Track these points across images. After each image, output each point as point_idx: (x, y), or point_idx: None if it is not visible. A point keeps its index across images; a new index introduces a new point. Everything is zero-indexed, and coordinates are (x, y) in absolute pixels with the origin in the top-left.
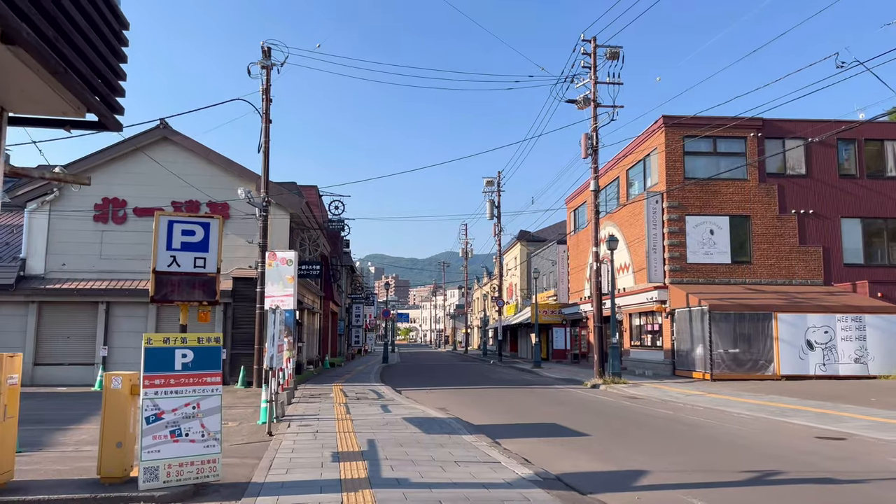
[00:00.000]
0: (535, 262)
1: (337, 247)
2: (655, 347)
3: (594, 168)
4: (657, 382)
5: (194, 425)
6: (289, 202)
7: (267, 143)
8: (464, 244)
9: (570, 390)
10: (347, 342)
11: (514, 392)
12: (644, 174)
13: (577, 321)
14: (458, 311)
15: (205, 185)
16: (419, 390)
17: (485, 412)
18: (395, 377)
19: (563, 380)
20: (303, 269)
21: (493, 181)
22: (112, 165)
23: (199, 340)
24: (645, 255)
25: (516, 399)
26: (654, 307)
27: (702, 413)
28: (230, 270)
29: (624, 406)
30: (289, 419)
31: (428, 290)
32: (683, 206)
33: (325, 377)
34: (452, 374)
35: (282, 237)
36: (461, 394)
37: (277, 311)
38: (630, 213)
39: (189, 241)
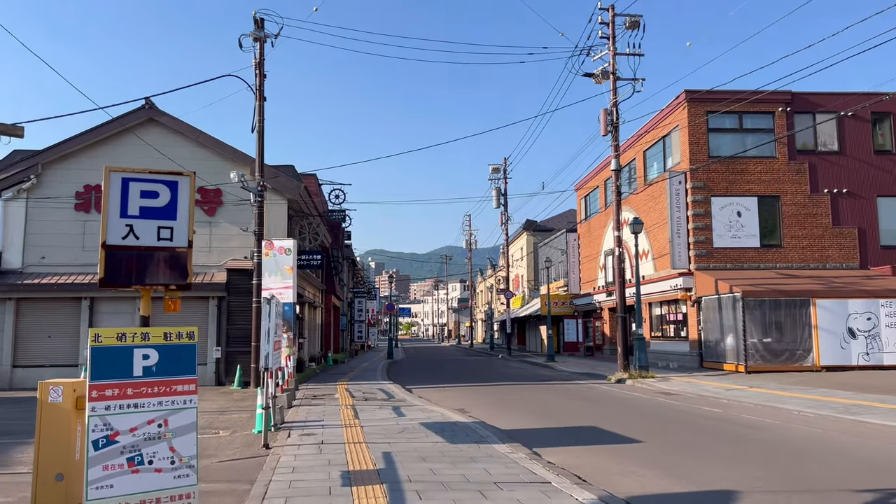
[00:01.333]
0: (542, 252)
1: (338, 238)
2: (679, 338)
3: (615, 145)
4: (686, 376)
5: (161, 449)
6: (286, 187)
7: (261, 122)
8: (467, 235)
9: (595, 386)
10: (350, 337)
11: (535, 389)
12: (664, 154)
13: (589, 312)
14: (461, 304)
15: (194, 170)
16: (431, 388)
17: (509, 414)
18: (402, 374)
19: (582, 374)
20: (302, 260)
21: (498, 168)
22: (94, 150)
23: (166, 337)
24: (667, 240)
25: (539, 397)
26: (679, 295)
27: (755, 411)
28: (224, 262)
29: (662, 404)
30: (289, 426)
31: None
32: (708, 187)
33: (329, 375)
34: (463, 370)
35: (279, 225)
36: (477, 392)
37: (273, 301)
38: (649, 196)
39: (151, 206)
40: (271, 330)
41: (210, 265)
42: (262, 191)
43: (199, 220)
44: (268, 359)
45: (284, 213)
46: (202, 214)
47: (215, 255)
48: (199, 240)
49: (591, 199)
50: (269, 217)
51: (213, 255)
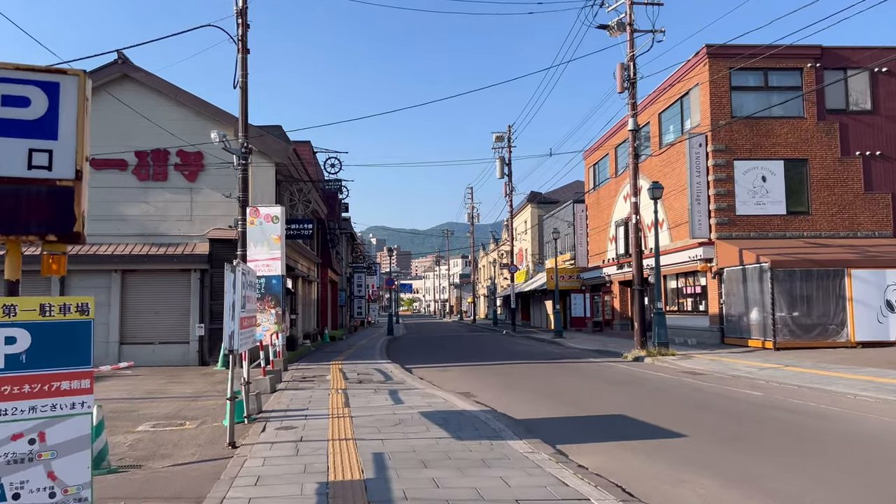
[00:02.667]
0: (547, 224)
1: (334, 209)
2: (698, 312)
3: (632, 103)
4: (708, 353)
5: (33, 476)
6: (273, 149)
7: (245, 76)
8: (469, 209)
9: (612, 365)
10: (350, 313)
11: (546, 368)
12: (681, 116)
13: (597, 286)
14: (462, 280)
15: (174, 131)
16: (432, 368)
17: (521, 398)
18: (402, 352)
19: (594, 352)
20: (293, 229)
21: (502, 136)
22: None
23: (43, 311)
24: (685, 208)
25: (552, 377)
26: (698, 266)
27: (803, 395)
28: (207, 231)
29: (691, 385)
30: (266, 417)
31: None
32: (731, 150)
33: (323, 353)
34: (466, 348)
35: (266, 191)
36: (483, 372)
37: (238, 268)
38: (665, 161)
39: (17, 118)
40: (236, 303)
41: (192, 235)
42: (246, 153)
43: (180, 185)
44: (233, 338)
45: (272, 178)
46: (182, 180)
47: (197, 223)
48: (179, 207)
49: (600, 168)
50: (254, 182)
51: (194, 224)
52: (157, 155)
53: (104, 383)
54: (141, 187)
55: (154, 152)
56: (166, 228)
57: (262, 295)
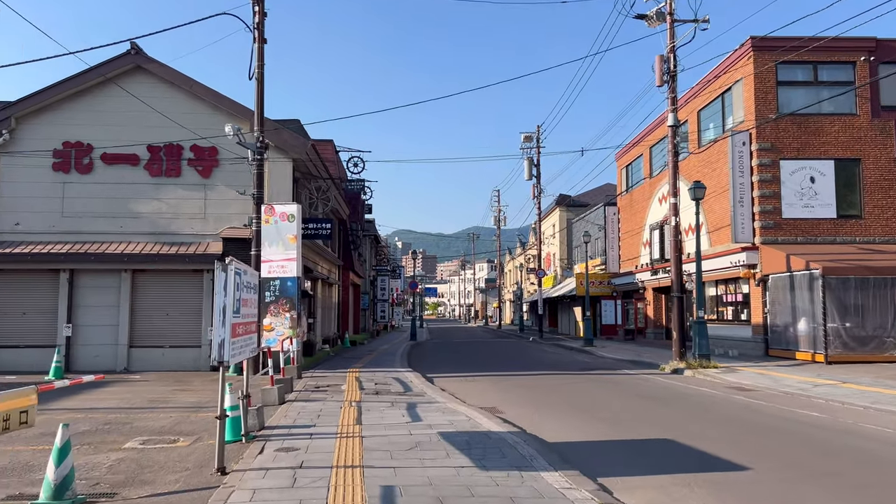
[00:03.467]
0: (576, 228)
1: (357, 210)
2: (740, 322)
3: (672, 97)
4: (753, 365)
5: None
6: (291, 144)
7: (261, 67)
8: (496, 212)
9: (649, 377)
10: (373, 317)
11: (578, 381)
12: (723, 113)
13: (629, 293)
14: (488, 284)
15: (188, 125)
16: (455, 378)
17: (553, 415)
18: (424, 359)
19: (628, 362)
20: (310, 228)
21: (531, 136)
22: (73, 102)
23: None
24: (726, 211)
25: (586, 391)
26: (740, 273)
27: (874, 418)
28: (220, 230)
29: (740, 403)
30: (267, 435)
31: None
32: (777, 149)
33: (342, 359)
34: (492, 355)
35: (283, 188)
36: (510, 384)
37: (231, 267)
38: (704, 161)
39: None
40: (227, 307)
41: (205, 234)
42: (261, 147)
43: (193, 182)
44: (223, 348)
45: (289, 175)
46: (196, 176)
47: (211, 222)
48: (192, 205)
49: (633, 169)
50: (270, 179)
51: (208, 222)
52: (171, 150)
53: (106, 390)
54: (153, 183)
55: (167, 147)
56: (178, 227)
57: (275, 298)
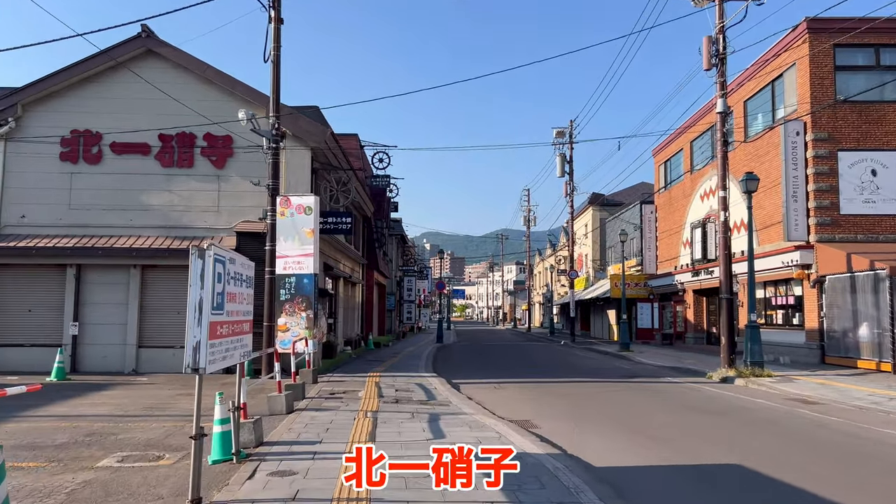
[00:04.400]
0: (610, 228)
1: (382, 207)
2: (791, 326)
3: (721, 82)
4: (810, 374)
5: None
6: (309, 132)
7: (277, 49)
8: (525, 211)
9: (696, 387)
10: (399, 318)
11: (618, 389)
12: (773, 102)
13: (667, 295)
14: (516, 286)
15: (201, 113)
16: (483, 385)
17: (596, 431)
18: (450, 363)
19: (671, 369)
20: (329, 222)
21: (563, 132)
22: (82, 89)
23: None
24: (776, 207)
25: (629, 402)
26: (793, 273)
27: None
28: (234, 224)
29: (807, 419)
30: (263, 454)
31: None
32: (834, 139)
33: (363, 362)
34: (522, 360)
35: (301, 179)
36: (544, 392)
37: (208, 255)
38: (751, 154)
39: None
40: (204, 302)
41: (218, 227)
42: (277, 135)
43: (206, 173)
44: (198, 352)
45: (307, 165)
46: (209, 166)
47: (224, 215)
48: (205, 197)
49: (672, 165)
50: (287, 170)
51: (221, 215)
52: (183, 138)
53: (105, 394)
54: (164, 174)
55: (179, 135)
56: (190, 220)
57: (291, 296)
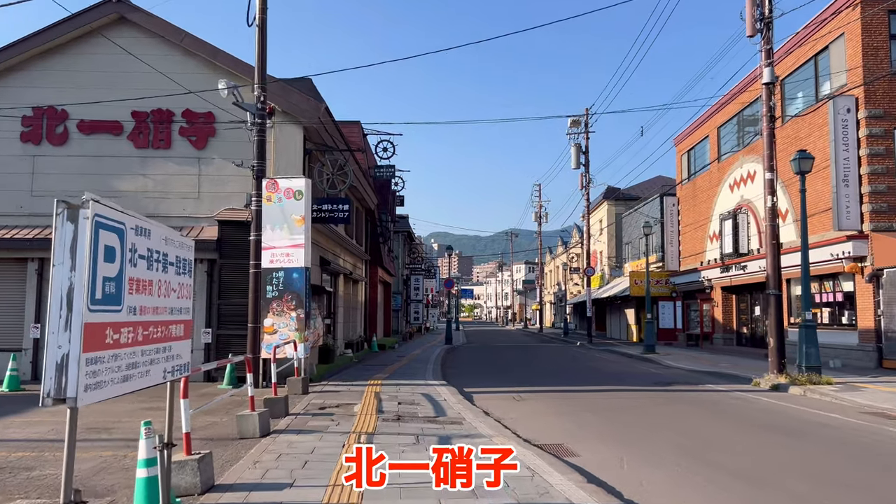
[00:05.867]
0: (626, 223)
1: (387, 201)
2: (841, 326)
3: (766, 50)
4: (872, 380)
5: None
6: (301, 108)
7: (263, 12)
8: (536, 207)
9: (746, 396)
10: (406, 319)
11: (658, 401)
12: (816, 79)
13: (691, 293)
14: (526, 286)
15: (179, 87)
16: (499, 394)
17: (655, 463)
18: (461, 368)
19: (707, 375)
20: (324, 210)
21: (579, 121)
22: (45, 61)
23: None
24: (827, 192)
25: (679, 418)
26: (843, 267)
27: None
28: (216, 212)
29: None
30: None
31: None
32: (891, 116)
33: (364, 367)
34: (540, 364)
35: (292, 162)
36: (573, 404)
37: (83, 216)
38: (790, 137)
39: None
40: (76, 292)
41: (199, 216)
42: (263, 109)
43: (185, 154)
44: (64, 371)
45: (299, 146)
46: (189, 147)
47: (206, 202)
48: (184, 182)
49: (696, 154)
50: (276, 151)
51: (202, 202)
52: (159, 116)
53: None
54: (138, 156)
55: (155, 113)
56: (168, 208)
57: (279, 293)
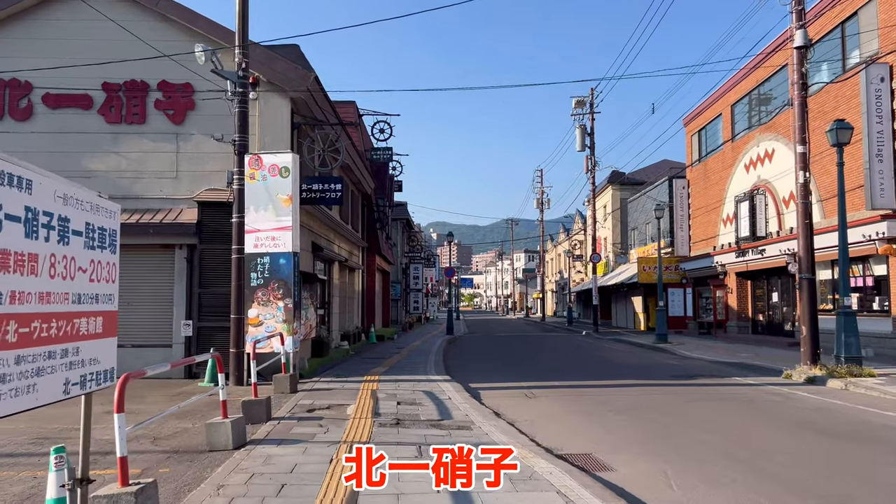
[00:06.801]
0: (631, 208)
1: (384, 185)
2: (872, 312)
3: (798, 11)
4: None
5: None
6: (288, 78)
7: None
8: (538, 193)
9: (784, 392)
10: (405, 308)
11: (687, 397)
12: (843, 48)
13: (702, 279)
14: (526, 274)
15: (154, 55)
16: (509, 391)
17: (710, 479)
18: (464, 360)
19: (731, 366)
20: (314, 190)
21: (584, 101)
22: (5, 28)
23: None
24: (859, 168)
25: (715, 419)
26: (877, 249)
27: None
28: (196, 192)
29: None
30: None
31: (492, 255)
32: None
33: (361, 361)
34: (548, 355)
35: (278, 138)
36: (592, 401)
37: None
38: (815, 111)
39: None
40: None
41: (178, 197)
42: (245, 78)
43: (161, 130)
44: None
45: (286, 119)
46: (165, 122)
47: (185, 182)
48: (160, 160)
49: (707, 134)
50: (261, 125)
51: (181, 182)
52: (132, 88)
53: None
54: (110, 132)
55: (128, 84)
56: (143, 188)
57: (264, 281)
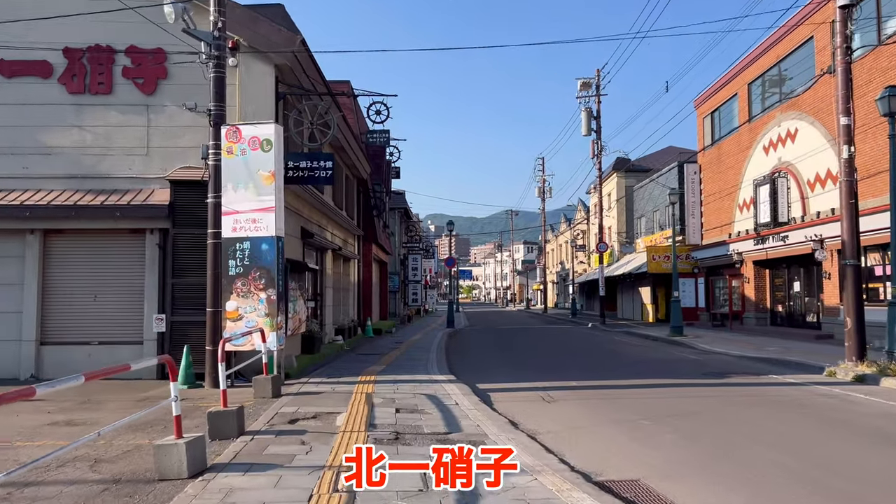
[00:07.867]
0: (637, 196)
1: (381, 171)
2: None
3: None
4: None
5: None
6: (272, 42)
7: None
8: (540, 182)
9: (836, 393)
10: (404, 300)
11: (726, 400)
12: (878, 15)
13: (716, 268)
14: (525, 266)
15: (122, 19)
16: (522, 392)
17: None
18: (468, 356)
19: (760, 362)
20: (302, 168)
21: (589, 83)
22: None
23: None
24: (880, 153)
25: (773, 429)
26: None
27: None
28: (170, 170)
29: None
30: None
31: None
32: None
33: (356, 357)
34: (557, 350)
35: (262, 108)
36: (621, 406)
37: None
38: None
39: None
40: None
41: (149, 176)
42: (221, 39)
43: (130, 101)
44: None
45: (270, 89)
46: (135, 92)
47: (157, 159)
48: (129, 134)
49: (721, 115)
50: (242, 95)
51: (152, 160)
52: (97, 53)
53: None
54: (72, 104)
55: (92, 50)
56: (110, 167)
57: (243, 269)
